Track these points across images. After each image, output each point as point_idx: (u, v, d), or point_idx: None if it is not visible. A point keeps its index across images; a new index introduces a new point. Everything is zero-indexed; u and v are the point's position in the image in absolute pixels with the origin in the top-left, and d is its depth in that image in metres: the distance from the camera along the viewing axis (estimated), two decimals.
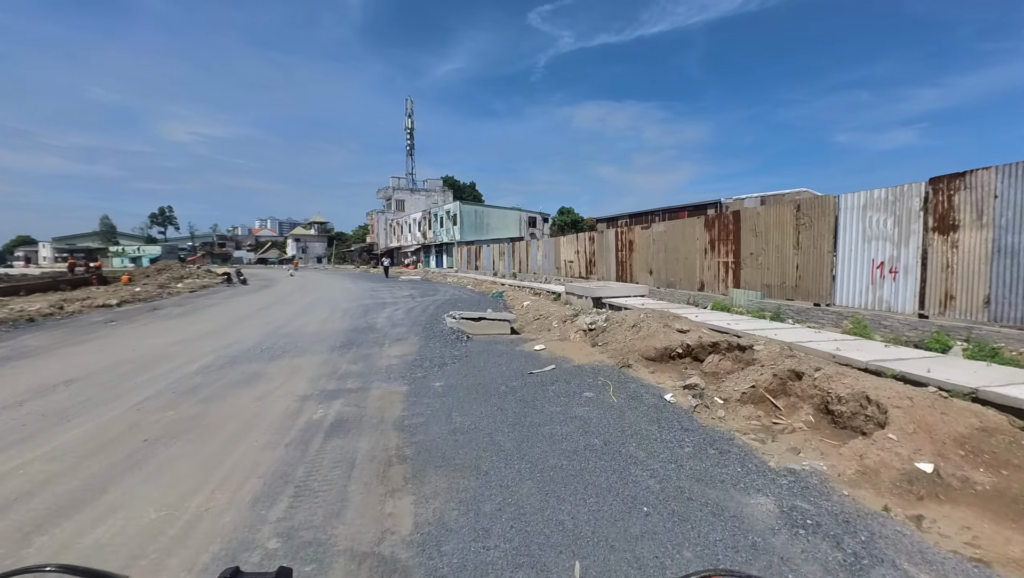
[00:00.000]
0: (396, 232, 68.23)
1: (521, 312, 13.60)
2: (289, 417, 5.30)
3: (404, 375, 6.99)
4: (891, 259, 9.32)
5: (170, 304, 18.77)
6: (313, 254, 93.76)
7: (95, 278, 34.01)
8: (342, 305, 16.23)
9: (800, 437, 4.58)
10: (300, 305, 16.85)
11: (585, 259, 23.23)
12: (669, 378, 6.53)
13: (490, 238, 48.94)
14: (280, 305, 17.13)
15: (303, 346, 9.27)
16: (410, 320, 12.21)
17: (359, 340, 9.77)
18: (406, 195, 74.41)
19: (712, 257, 14.19)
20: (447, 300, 17.29)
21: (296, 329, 11.30)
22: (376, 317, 12.98)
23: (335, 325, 11.74)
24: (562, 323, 10.53)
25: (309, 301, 18.29)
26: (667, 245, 16.41)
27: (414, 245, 59.63)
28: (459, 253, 46.47)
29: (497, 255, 37.17)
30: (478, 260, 41.57)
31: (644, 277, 17.87)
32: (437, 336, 9.90)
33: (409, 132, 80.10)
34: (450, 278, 33.59)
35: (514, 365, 7.44)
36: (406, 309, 14.58)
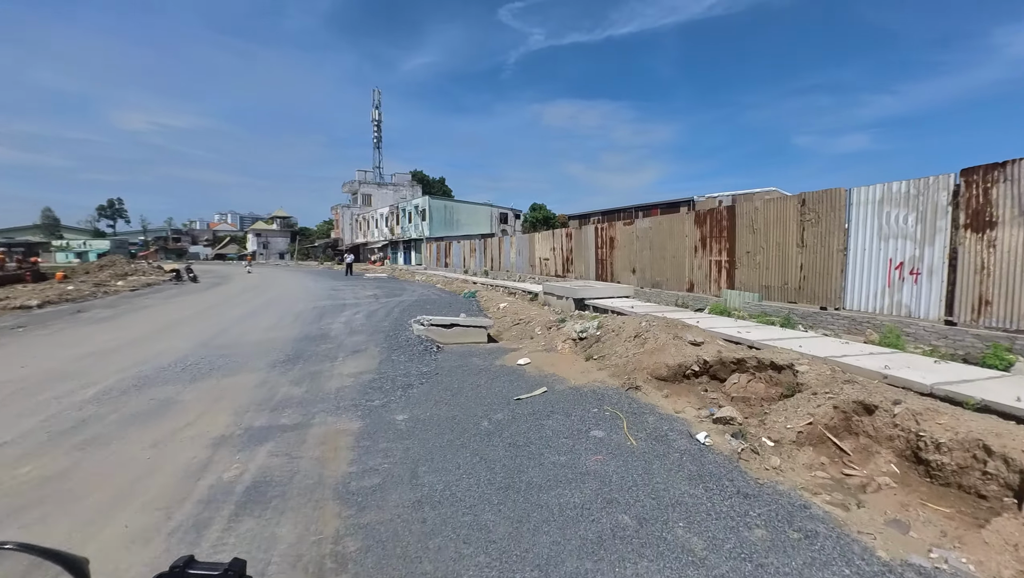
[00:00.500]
0: (362, 227, 65.68)
1: (498, 315, 12.24)
2: (190, 477, 3.79)
3: (358, 403, 5.53)
4: (912, 259, 8.38)
5: (101, 305, 16.58)
6: (275, 250, 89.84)
7: (29, 275, 30.89)
8: (296, 307, 14.49)
9: (893, 500, 3.38)
10: (249, 307, 15.01)
11: (562, 257, 22.03)
12: (688, 404, 5.30)
13: (460, 234, 47.30)
14: (226, 306, 15.23)
15: (239, 361, 7.66)
16: (371, 326, 10.67)
17: (308, 352, 8.20)
18: (373, 189, 71.82)
19: (703, 256, 13.15)
20: (414, 301, 15.74)
21: (236, 337, 9.61)
22: (333, 322, 11.37)
23: (283, 332, 10.10)
24: (546, 330, 9.22)
25: (260, 302, 16.42)
26: (652, 242, 15.32)
27: (381, 241, 57.36)
28: (428, 250, 44.70)
29: (468, 252, 35.65)
30: (448, 257, 39.94)
31: (627, 276, 16.77)
32: (402, 346, 8.43)
33: (376, 124, 77.50)
34: (418, 276, 31.91)
35: (496, 386, 6.07)
36: (368, 312, 12.99)
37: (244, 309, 14.42)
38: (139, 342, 9.31)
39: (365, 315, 12.40)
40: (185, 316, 13.02)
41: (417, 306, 14.14)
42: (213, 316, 12.81)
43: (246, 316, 12.71)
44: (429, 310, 13.16)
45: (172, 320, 12.37)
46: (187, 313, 13.66)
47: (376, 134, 77.46)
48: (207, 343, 9.10)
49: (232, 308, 14.80)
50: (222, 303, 16.63)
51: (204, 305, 15.92)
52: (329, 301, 15.94)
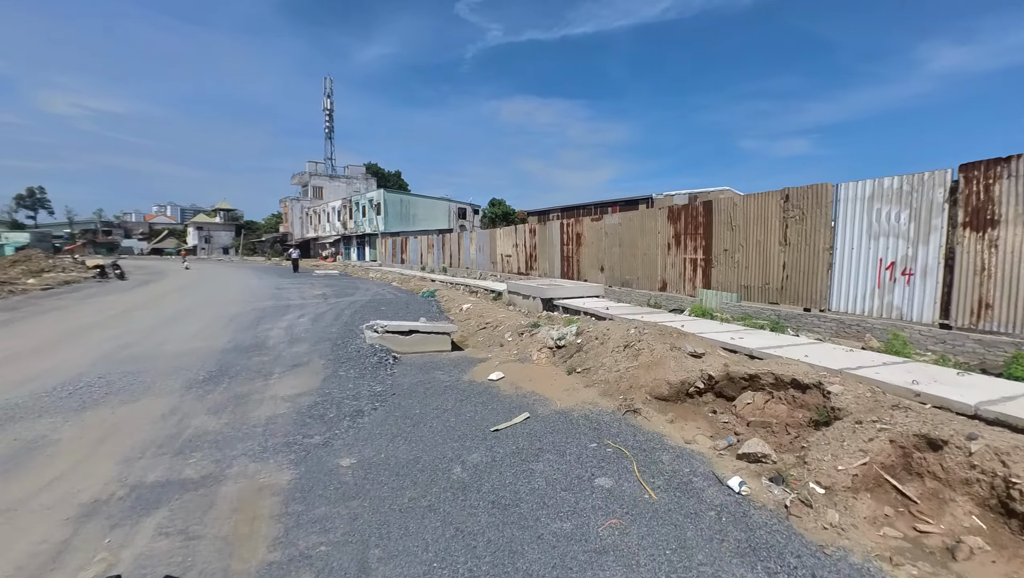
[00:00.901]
0: (313, 221, 62.60)
1: (461, 318, 11.14)
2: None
3: (292, 440, 4.34)
4: (905, 259, 7.92)
5: (4, 308, 14.30)
6: (219, 244, 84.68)
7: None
8: (231, 309, 12.85)
9: (993, 570, 2.60)
10: (176, 309, 13.22)
11: (525, 254, 21.12)
12: (699, 431, 4.44)
13: (417, 229, 45.64)
14: (149, 309, 13.38)
15: (147, 380, 6.24)
16: (317, 332, 9.33)
17: (238, 367, 6.85)
18: (325, 181, 68.64)
19: (677, 253, 12.52)
20: (368, 302, 14.38)
21: (151, 348, 8.08)
22: (272, 328, 9.94)
23: (211, 341, 8.63)
24: (518, 336, 8.22)
25: (191, 303, 14.59)
26: (622, 239, 14.62)
27: (333, 236, 54.74)
28: (383, 245, 42.83)
29: (426, 248, 34.20)
30: (404, 253, 38.31)
31: (594, 275, 16.03)
32: (352, 358, 7.21)
33: (328, 113, 74.03)
34: (373, 273, 30.25)
35: (466, 411, 5.03)
36: (314, 315, 11.58)
37: (170, 312, 12.65)
38: (27, 355, 7.64)
39: (311, 319, 11.00)
40: (97, 321, 11.19)
41: (371, 308, 12.82)
42: (130, 321, 11.06)
43: (170, 320, 11.04)
44: (384, 313, 11.90)
45: (80, 326, 10.55)
46: (100, 317, 11.79)
47: (328, 124, 74.01)
48: (112, 356, 7.55)
49: (156, 310, 12.98)
50: (146, 304, 14.68)
51: (124, 307, 13.96)
52: (271, 302, 14.33)
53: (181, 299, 16.03)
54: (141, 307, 13.90)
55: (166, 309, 13.16)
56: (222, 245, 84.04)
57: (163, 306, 13.89)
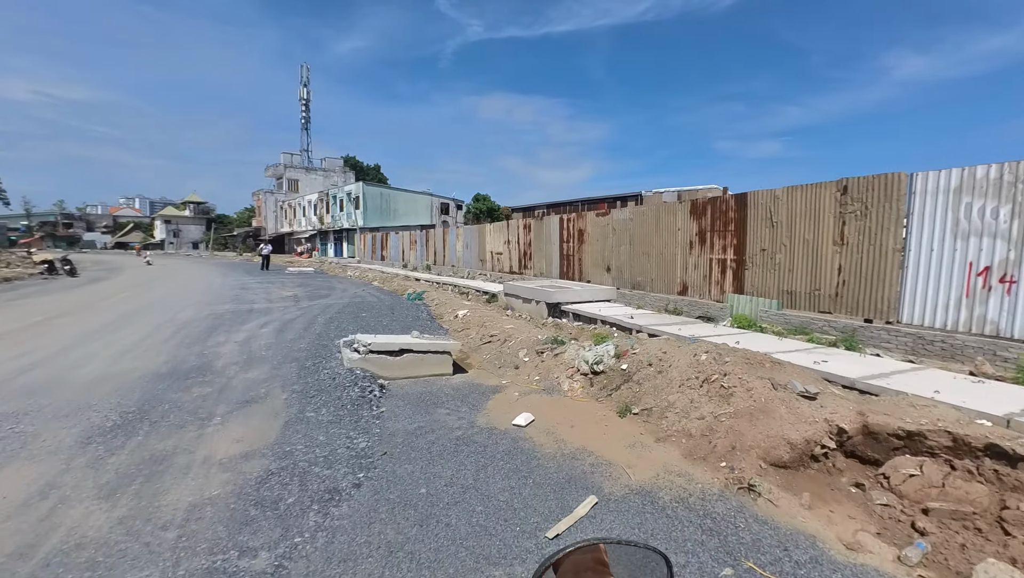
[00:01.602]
0: (288, 216, 59.82)
1: (458, 327, 9.43)
2: None
3: (219, 565, 2.62)
4: (1004, 263, 6.54)
5: None
6: (188, 239, 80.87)
7: None
8: (184, 314, 10.87)
9: None
10: (117, 313, 11.18)
11: (519, 251, 19.49)
12: (856, 525, 2.88)
13: (398, 225, 43.53)
14: (85, 313, 11.30)
15: (31, 427, 4.40)
16: (282, 348, 7.50)
17: (167, 404, 5.04)
18: (300, 174, 65.82)
19: (701, 253, 11.04)
20: (345, 306, 12.52)
21: (60, 372, 6.17)
22: (226, 341, 8.06)
23: (143, 360, 6.74)
24: (536, 355, 6.56)
25: (137, 305, 12.52)
26: (634, 237, 13.10)
27: (309, 231, 52.16)
28: (362, 241, 40.63)
29: (408, 244, 32.23)
30: (384, 249, 36.24)
31: (599, 275, 14.49)
32: (325, 389, 5.46)
33: (304, 103, 71.11)
34: (351, 271, 28.20)
35: (496, 489, 3.37)
36: (281, 323, 9.69)
37: (108, 316, 10.61)
38: None
39: (276, 328, 9.13)
40: (12, 329, 9.13)
41: (349, 314, 10.98)
42: (52, 330, 9.03)
43: (103, 330, 9.05)
44: (365, 321, 10.09)
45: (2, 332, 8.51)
46: (17, 324, 9.70)
47: (304, 114, 71.02)
48: (8, 380, 5.65)
49: (92, 316, 10.92)
50: (84, 307, 12.55)
51: (57, 309, 11.83)
52: (231, 305, 12.35)
53: (128, 300, 13.90)
54: (77, 310, 11.79)
55: (105, 314, 11.09)
56: (192, 240, 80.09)
57: (103, 310, 11.81)
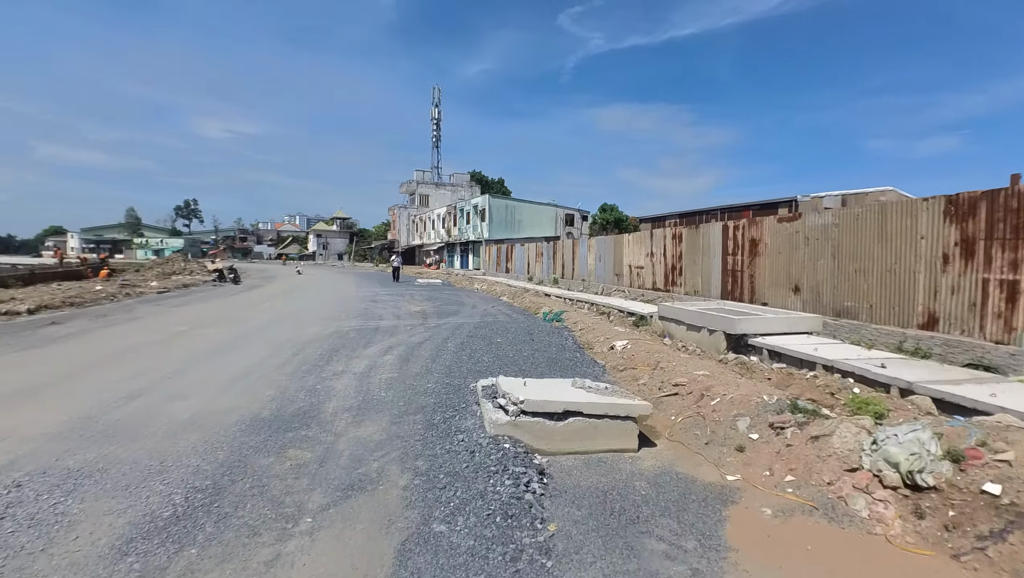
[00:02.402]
0: (418, 229, 62.68)
1: (616, 363, 7.28)
2: None
3: None
4: None
5: (95, 314, 13.11)
6: (334, 251, 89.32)
7: (90, 271, 29.48)
8: (310, 329, 10.17)
9: None
10: (251, 326, 10.88)
11: (664, 265, 16.77)
12: None
13: (522, 236, 42.71)
14: (223, 323, 11.24)
15: (77, 505, 3.21)
16: (405, 388, 5.95)
17: (250, 479, 3.61)
18: (431, 190, 68.90)
19: (966, 271, 7.64)
20: (477, 326, 11.02)
21: (156, 406, 5.22)
22: (344, 370, 6.79)
23: (248, 395, 5.63)
24: (773, 431, 4.18)
25: (272, 317, 12.34)
26: (840, 247, 9.90)
27: (437, 243, 53.82)
28: (487, 253, 40.38)
29: (534, 256, 30.88)
30: (509, 262, 35.37)
31: (780, 296, 11.38)
32: (461, 475, 3.60)
33: (435, 122, 74.66)
34: (477, 283, 27.46)
35: None
36: (406, 349, 8.36)
37: (243, 329, 10.29)
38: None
39: (400, 356, 7.78)
40: (147, 341, 8.98)
41: (482, 338, 9.38)
42: (187, 341, 8.68)
43: (230, 345, 8.46)
44: (501, 349, 8.39)
45: (122, 349, 8.34)
46: (160, 335, 9.66)
47: (435, 132, 74.60)
48: (95, 418, 4.75)
49: (231, 325, 10.76)
50: (228, 315, 12.73)
51: (204, 318, 12.03)
52: (358, 321, 11.54)
53: (267, 311, 14.00)
54: (218, 321, 11.85)
55: (241, 325, 10.86)
56: (337, 251, 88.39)
57: (241, 321, 11.71)
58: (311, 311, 13.77)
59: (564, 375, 6.56)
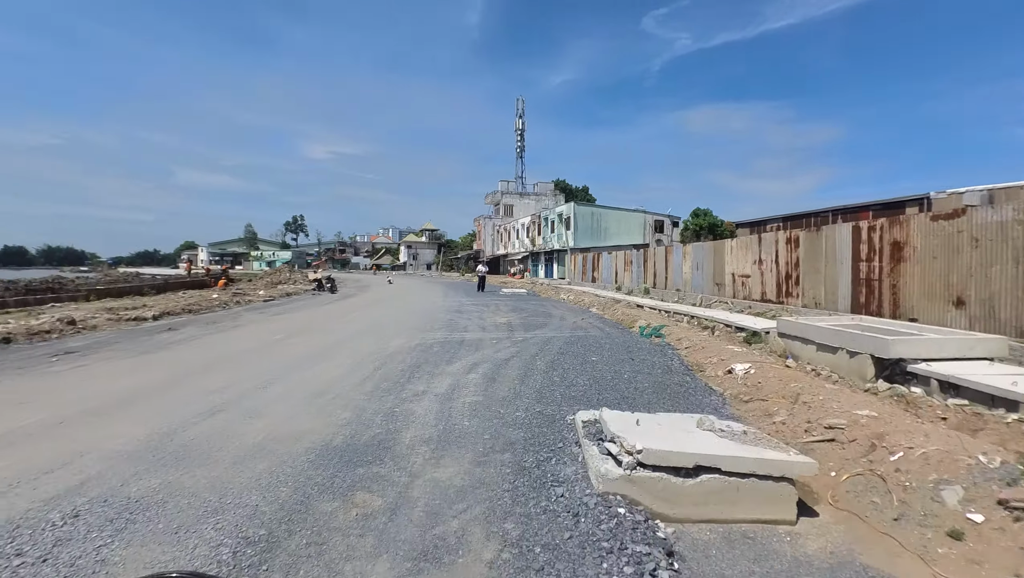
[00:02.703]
0: (503, 238, 63.07)
1: (739, 392, 6.06)
2: None
3: None
4: None
5: (205, 321, 14.01)
6: (423, 261, 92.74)
7: (212, 280, 32.81)
8: (395, 341, 9.88)
9: None
10: (339, 336, 10.88)
11: (777, 274, 14.85)
12: None
13: (608, 245, 41.17)
14: (315, 332, 11.37)
15: (123, 550, 2.80)
16: (490, 415, 5.18)
17: (308, 530, 3.03)
18: (515, 199, 69.22)
19: None
20: (568, 341, 10.13)
21: (231, 426, 4.93)
22: (426, 390, 6.22)
23: (323, 418, 5.19)
24: (1004, 512, 2.94)
25: (360, 327, 12.36)
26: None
27: (521, 253, 53.69)
28: (572, 262, 39.34)
29: (622, 265, 29.39)
30: (595, 271, 34.08)
31: (937, 311, 9.35)
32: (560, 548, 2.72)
33: (519, 133, 75.07)
34: (563, 293, 26.53)
35: None
36: (491, 366, 7.67)
37: (330, 339, 10.28)
38: (73, 421, 5.15)
39: (485, 374, 7.10)
40: (241, 350, 9.16)
41: (574, 355, 8.48)
42: (270, 355, 8.69)
43: (315, 357, 8.33)
44: (597, 369, 7.44)
45: (225, 355, 8.51)
46: (254, 344, 9.87)
47: (519, 143, 74.98)
48: (169, 437, 4.52)
49: (321, 335, 10.85)
50: (322, 324, 12.97)
51: (300, 326, 12.32)
52: (443, 333, 11.14)
53: (357, 320, 14.15)
54: (312, 329, 12.05)
55: (330, 335, 10.88)
56: (426, 261, 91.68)
57: (330, 331, 11.80)
58: (397, 321, 13.69)
59: (675, 405, 5.49)
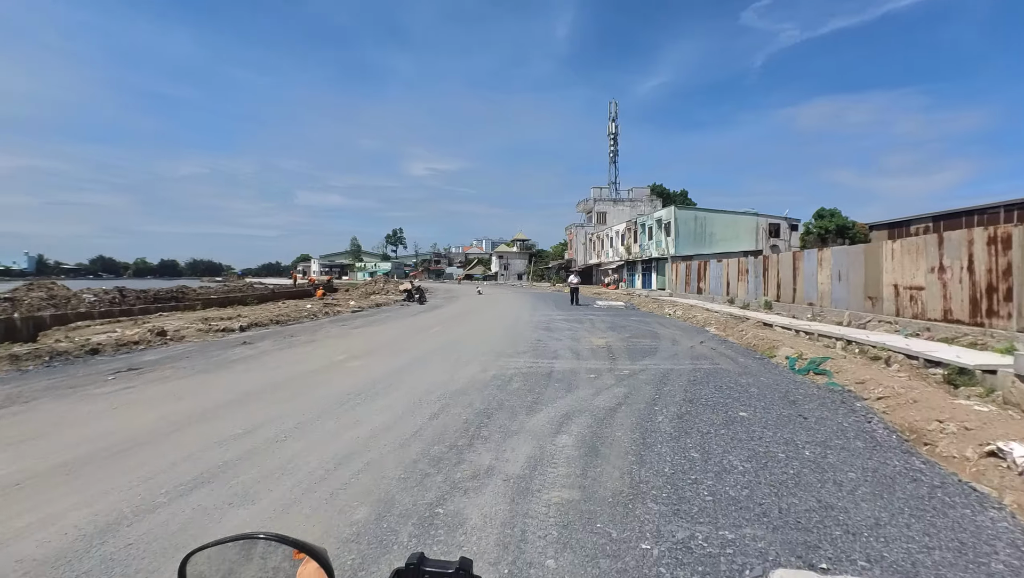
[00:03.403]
0: (595, 247, 60.25)
1: None
2: None
3: None
4: None
5: (286, 333, 13.44)
6: (514, 271, 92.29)
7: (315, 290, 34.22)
8: (465, 370, 8.08)
9: None
10: (407, 358, 9.39)
11: (971, 285, 11.13)
12: None
13: (715, 252, 36.99)
14: (383, 353, 10.03)
15: None
16: (595, 530, 2.92)
17: None
18: (608, 206, 66.13)
19: None
20: (693, 379, 7.59)
21: (214, 508, 3.38)
22: (490, 467, 4.15)
23: (331, 506, 3.50)
24: None
25: (434, 346, 10.84)
26: None
27: (616, 262, 50.59)
28: (673, 271, 35.75)
29: (735, 274, 25.61)
30: (701, 281, 30.37)
31: None
32: None
33: (613, 137, 71.93)
34: (667, 307, 23.49)
35: None
36: (591, 420, 5.36)
37: (395, 363, 8.80)
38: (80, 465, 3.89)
39: (583, 438, 4.88)
40: (305, 371, 8.00)
41: (708, 404, 6.01)
42: (327, 380, 7.33)
43: (368, 391, 6.74)
44: (755, 435, 4.94)
45: (273, 383, 7.28)
46: (318, 364, 8.72)
47: (612, 148, 71.80)
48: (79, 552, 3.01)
49: (388, 357, 9.47)
50: (395, 342, 11.69)
51: (365, 347, 11.08)
52: (527, 359, 9.17)
53: (433, 336, 12.73)
54: (381, 349, 10.74)
55: (396, 358, 9.41)
56: (517, 272, 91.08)
57: (401, 351, 10.37)
58: (477, 340, 12.03)
59: (916, 519, 3.04)
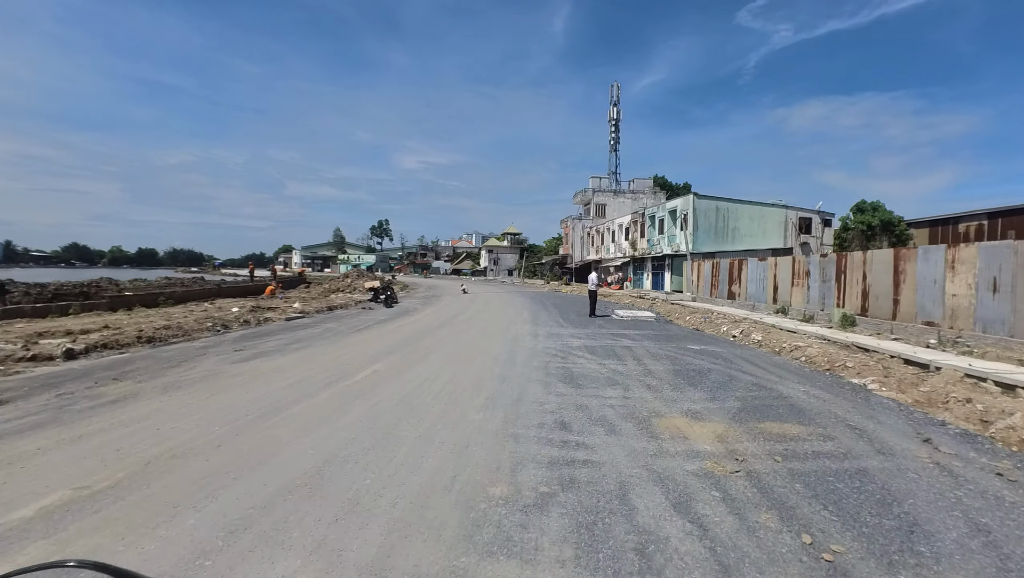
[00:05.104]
0: (594, 242, 55.06)
1: None
2: None
3: None
4: None
5: (98, 378, 8.07)
6: (504, 266, 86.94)
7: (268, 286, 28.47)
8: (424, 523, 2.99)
9: None
10: (297, 467, 4.18)
11: None
12: None
13: (738, 249, 32.07)
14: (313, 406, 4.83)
15: None
16: None
17: None
18: (608, 198, 61.01)
19: None
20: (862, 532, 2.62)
21: None
22: None
23: None
24: None
25: (354, 429, 5.68)
26: None
27: (618, 259, 45.46)
28: (693, 270, 30.69)
29: (786, 276, 20.55)
30: (734, 283, 25.32)
31: None
32: None
33: (614, 124, 66.58)
34: (721, 323, 18.30)
35: None
36: None
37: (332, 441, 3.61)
38: None
39: None
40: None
41: None
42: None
43: None
44: None
45: None
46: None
47: (613, 135, 66.48)
48: None
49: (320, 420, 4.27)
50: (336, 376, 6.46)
51: (198, 436, 5.88)
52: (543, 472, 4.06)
53: (365, 391, 7.54)
54: (206, 449, 5.55)
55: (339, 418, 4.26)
56: (507, 267, 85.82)
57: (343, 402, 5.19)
58: (448, 400, 6.82)
59: None
